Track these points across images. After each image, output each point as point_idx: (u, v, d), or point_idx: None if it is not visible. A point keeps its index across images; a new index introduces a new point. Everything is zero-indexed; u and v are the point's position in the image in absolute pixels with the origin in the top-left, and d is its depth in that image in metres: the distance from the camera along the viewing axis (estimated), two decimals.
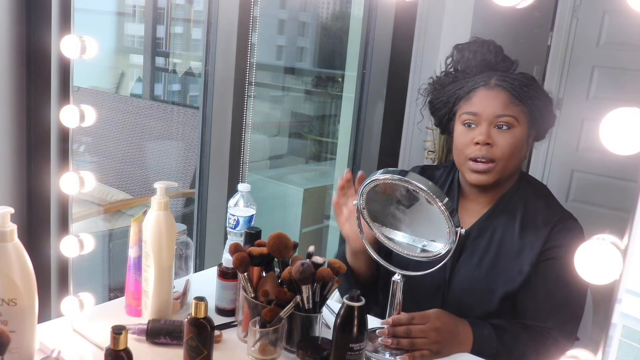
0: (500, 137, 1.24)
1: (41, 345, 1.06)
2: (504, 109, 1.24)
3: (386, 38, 2.54)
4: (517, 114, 1.24)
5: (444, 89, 1.34)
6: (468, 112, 1.27)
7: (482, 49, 1.32)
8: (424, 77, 1.41)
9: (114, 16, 3.23)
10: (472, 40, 1.34)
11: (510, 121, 1.24)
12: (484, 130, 1.24)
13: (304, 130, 3.68)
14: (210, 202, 2.01)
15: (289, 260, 1.15)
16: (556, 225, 1.26)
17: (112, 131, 2.93)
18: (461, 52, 1.34)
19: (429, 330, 1.15)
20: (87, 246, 1.16)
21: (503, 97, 1.24)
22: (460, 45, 1.35)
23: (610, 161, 0.78)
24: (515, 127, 1.24)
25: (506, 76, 1.27)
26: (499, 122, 1.24)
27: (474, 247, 1.29)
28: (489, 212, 1.31)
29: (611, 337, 0.59)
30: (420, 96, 1.41)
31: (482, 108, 1.25)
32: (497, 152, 1.24)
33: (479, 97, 1.26)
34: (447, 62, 1.37)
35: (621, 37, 2.94)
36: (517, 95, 1.24)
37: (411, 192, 1.11)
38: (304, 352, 1.02)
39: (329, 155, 3.47)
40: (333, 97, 3.43)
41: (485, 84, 1.27)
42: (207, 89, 1.94)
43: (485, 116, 1.24)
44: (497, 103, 1.24)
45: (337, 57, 3.32)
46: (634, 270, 0.58)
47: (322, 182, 3.35)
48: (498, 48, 1.33)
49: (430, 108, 1.40)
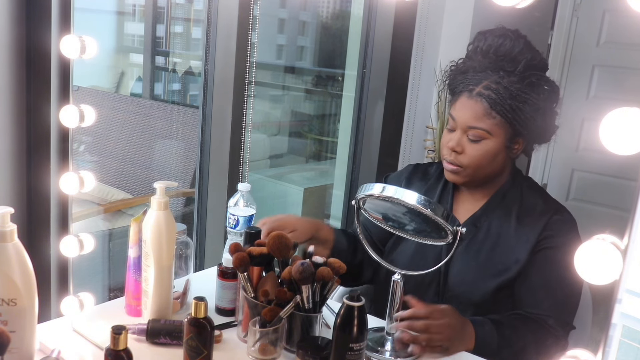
0: (470, 147, 1.26)
1: (41, 345, 1.06)
2: (476, 120, 1.24)
3: (386, 37, 2.54)
4: (490, 127, 1.24)
5: (457, 77, 1.33)
6: (450, 114, 1.30)
7: (496, 42, 1.26)
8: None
9: (113, 15, 3.23)
10: (494, 29, 1.30)
11: (480, 134, 1.24)
12: (456, 137, 1.27)
13: (304, 129, 3.68)
14: (210, 201, 2.01)
15: (289, 260, 1.15)
16: (552, 216, 1.28)
17: (112, 131, 2.93)
18: (478, 42, 1.30)
19: (446, 326, 1.14)
20: (87, 246, 1.16)
21: (479, 108, 1.24)
22: (480, 34, 1.31)
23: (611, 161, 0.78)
24: (487, 139, 1.25)
25: (499, 83, 1.23)
26: (470, 132, 1.25)
27: (470, 239, 1.31)
28: (485, 205, 1.33)
29: (611, 337, 0.59)
30: (441, 78, 1.43)
31: (459, 115, 1.27)
32: (464, 160, 1.27)
33: (460, 102, 1.27)
34: (468, 48, 1.34)
35: (621, 37, 2.94)
36: (496, 108, 1.23)
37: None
38: (304, 352, 1.02)
39: (329, 154, 3.47)
40: (333, 96, 3.43)
41: (471, 90, 1.25)
42: (207, 88, 1.94)
43: (460, 124, 1.27)
44: (471, 114, 1.25)
45: (337, 56, 3.32)
46: (634, 270, 0.58)
47: (322, 182, 3.35)
48: (516, 41, 1.25)
49: (449, 89, 1.39)
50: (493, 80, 1.24)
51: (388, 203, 1.16)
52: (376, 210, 1.22)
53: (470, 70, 1.29)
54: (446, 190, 1.39)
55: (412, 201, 1.07)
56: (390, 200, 1.11)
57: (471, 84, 1.26)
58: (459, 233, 1.09)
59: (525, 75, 1.24)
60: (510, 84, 1.23)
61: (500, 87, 1.23)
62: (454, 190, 1.38)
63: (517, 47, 1.25)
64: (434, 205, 1.07)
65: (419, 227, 1.18)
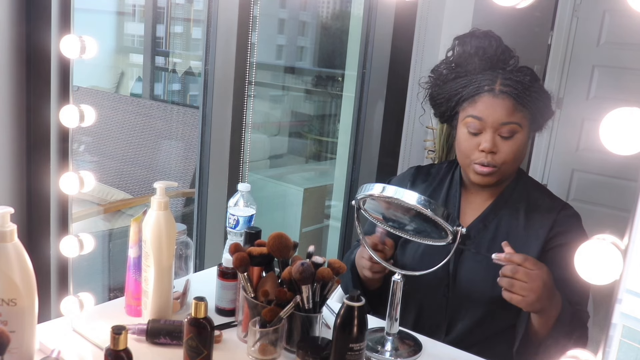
0: (505, 145, 1.27)
1: (41, 345, 1.06)
2: (508, 116, 1.25)
3: (386, 37, 2.54)
4: (520, 120, 1.26)
5: (446, 85, 1.34)
6: (473, 116, 1.28)
7: (482, 43, 1.31)
8: (425, 77, 1.40)
9: (113, 16, 3.23)
10: (472, 32, 1.33)
11: (515, 128, 1.26)
12: (489, 137, 1.26)
13: (304, 129, 3.68)
14: (210, 202, 2.01)
15: (289, 260, 1.15)
16: (560, 211, 1.30)
17: (112, 131, 2.93)
18: (462, 46, 1.33)
19: (534, 277, 1.10)
20: (87, 246, 1.16)
21: (508, 104, 1.25)
22: (461, 39, 1.34)
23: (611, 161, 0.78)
24: (519, 132, 1.26)
25: (510, 79, 1.26)
26: (503, 129, 1.26)
27: (479, 239, 1.31)
28: (493, 204, 1.34)
29: (611, 337, 0.59)
30: (421, 89, 1.42)
31: (487, 114, 1.26)
32: (499, 158, 1.27)
33: (484, 103, 1.27)
34: (447, 55, 1.36)
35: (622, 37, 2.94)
36: (521, 102, 1.25)
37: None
38: (304, 352, 1.02)
39: (329, 154, 3.47)
40: (333, 97, 3.43)
41: (490, 89, 1.26)
42: (207, 89, 1.94)
43: (490, 123, 1.26)
44: (503, 111, 1.25)
45: (337, 56, 3.32)
46: (634, 270, 0.58)
47: (322, 182, 3.35)
48: (498, 40, 1.32)
49: (431, 102, 1.40)
50: (504, 77, 1.26)
51: (388, 204, 1.16)
52: (376, 210, 1.22)
53: (469, 73, 1.30)
54: (453, 191, 1.39)
55: (413, 201, 1.07)
56: (391, 201, 1.11)
57: (485, 84, 1.27)
58: (459, 233, 1.09)
59: (520, 68, 1.30)
60: (519, 77, 1.26)
61: (514, 81, 1.26)
62: (461, 190, 1.38)
63: (500, 46, 1.31)
64: (434, 206, 1.07)
65: (419, 228, 1.18)
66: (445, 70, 1.35)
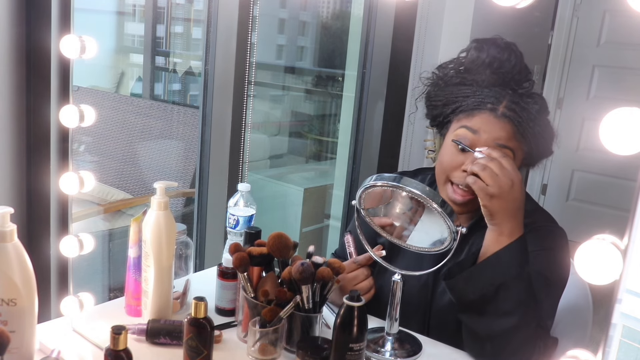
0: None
1: (41, 345, 1.06)
2: (507, 140, 1.16)
3: (386, 37, 2.54)
4: (515, 148, 1.17)
5: (447, 88, 1.24)
6: (468, 128, 1.18)
7: (501, 55, 1.18)
8: (428, 71, 1.35)
9: (113, 16, 3.23)
10: (494, 39, 1.21)
11: (507, 153, 1.15)
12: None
13: (304, 129, 3.68)
14: (210, 201, 2.01)
15: (289, 260, 1.15)
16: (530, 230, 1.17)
17: (112, 131, 2.93)
18: (478, 52, 1.20)
19: (507, 175, 1.06)
20: (87, 246, 1.16)
21: (509, 129, 1.16)
22: (479, 42, 1.21)
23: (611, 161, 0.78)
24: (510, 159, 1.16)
25: (517, 103, 1.16)
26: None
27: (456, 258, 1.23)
28: (473, 223, 1.25)
29: (611, 337, 0.59)
30: (418, 85, 1.31)
31: (484, 129, 1.16)
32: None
33: (483, 119, 1.17)
34: (460, 55, 1.25)
35: (621, 37, 2.94)
36: (521, 131, 1.16)
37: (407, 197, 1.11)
38: (304, 352, 1.02)
39: (329, 154, 3.47)
40: (333, 97, 3.43)
41: (493, 108, 1.16)
42: (207, 89, 1.94)
43: (485, 139, 1.16)
44: (503, 134, 1.15)
45: (337, 56, 3.32)
46: (634, 270, 0.58)
47: (323, 182, 3.35)
48: (519, 57, 1.19)
49: (427, 101, 1.30)
50: (512, 100, 1.16)
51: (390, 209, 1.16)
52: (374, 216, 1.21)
53: (476, 84, 1.20)
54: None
55: (418, 191, 1.06)
56: (395, 188, 1.08)
57: (489, 102, 1.16)
58: (459, 233, 1.08)
59: (532, 94, 1.19)
60: (527, 104, 1.16)
61: (520, 107, 1.16)
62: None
63: (519, 64, 1.19)
64: (439, 198, 1.06)
65: (418, 230, 1.17)
66: (452, 71, 1.25)
